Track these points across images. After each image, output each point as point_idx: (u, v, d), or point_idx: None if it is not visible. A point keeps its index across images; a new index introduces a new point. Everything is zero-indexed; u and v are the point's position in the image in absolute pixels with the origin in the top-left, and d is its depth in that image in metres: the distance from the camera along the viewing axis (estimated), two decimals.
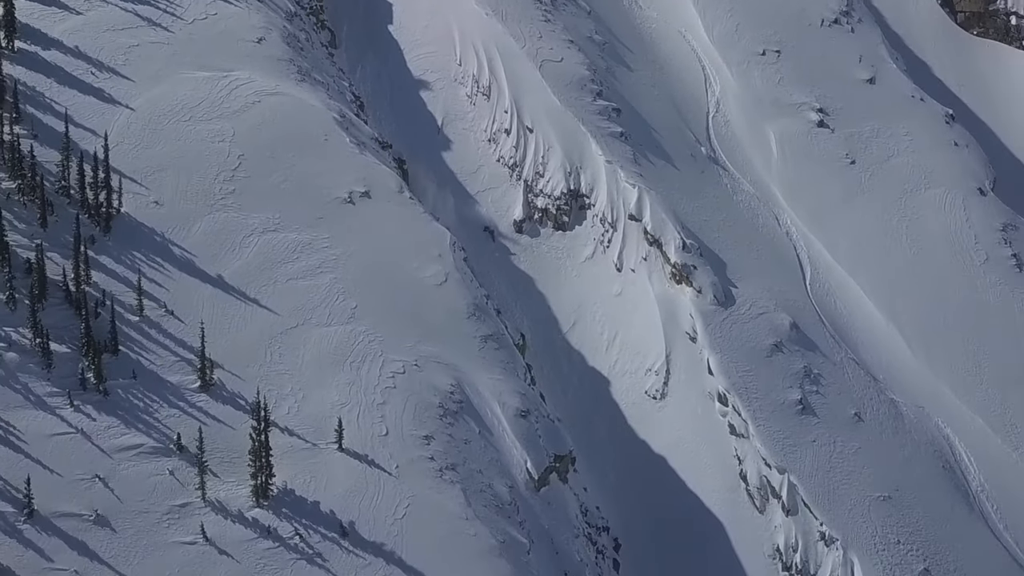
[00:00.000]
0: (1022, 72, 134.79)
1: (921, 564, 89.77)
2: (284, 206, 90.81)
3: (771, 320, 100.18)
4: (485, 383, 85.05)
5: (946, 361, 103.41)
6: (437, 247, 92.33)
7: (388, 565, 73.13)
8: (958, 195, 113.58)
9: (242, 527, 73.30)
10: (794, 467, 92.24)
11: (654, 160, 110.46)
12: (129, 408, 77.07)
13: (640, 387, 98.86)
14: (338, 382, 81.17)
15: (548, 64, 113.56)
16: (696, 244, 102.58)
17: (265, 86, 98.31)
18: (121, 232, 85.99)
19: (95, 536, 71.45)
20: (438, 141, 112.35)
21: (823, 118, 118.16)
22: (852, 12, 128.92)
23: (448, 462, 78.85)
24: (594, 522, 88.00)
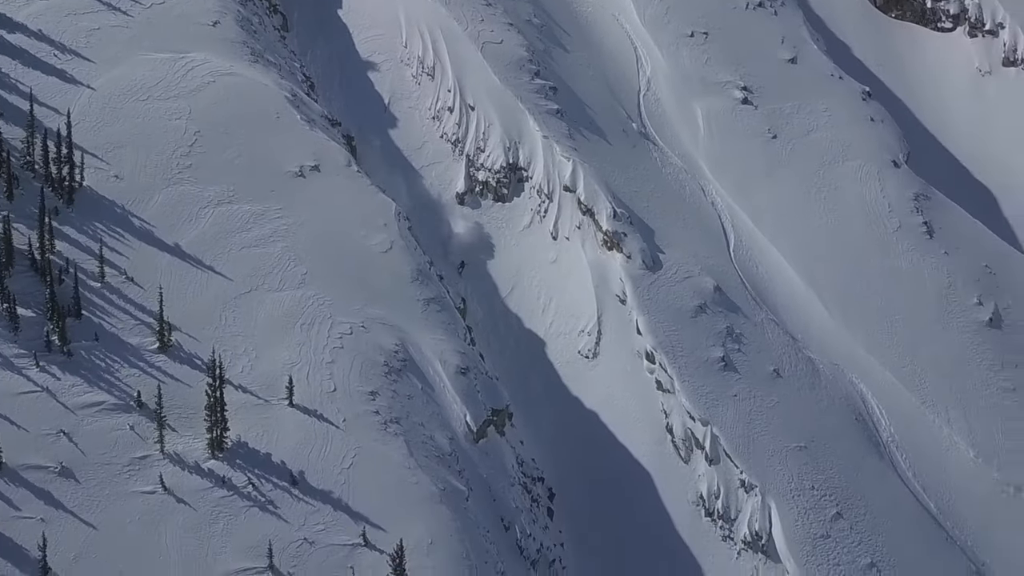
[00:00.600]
0: (936, 52, 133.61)
1: (834, 508, 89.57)
2: (238, 179, 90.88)
3: (696, 283, 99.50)
4: (427, 343, 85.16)
5: (860, 321, 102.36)
6: (383, 217, 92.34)
7: (335, 511, 73.43)
8: (873, 167, 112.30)
9: (198, 477, 73.60)
10: (716, 420, 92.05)
11: (588, 135, 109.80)
12: (92, 368, 77.25)
13: (573, 347, 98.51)
14: (289, 343, 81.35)
15: (489, 46, 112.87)
16: (626, 213, 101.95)
17: (220, 67, 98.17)
18: (83, 204, 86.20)
19: (60, 486, 71.69)
20: (385, 119, 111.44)
21: (747, 96, 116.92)
22: None
23: (392, 416, 79.14)
24: (530, 472, 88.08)
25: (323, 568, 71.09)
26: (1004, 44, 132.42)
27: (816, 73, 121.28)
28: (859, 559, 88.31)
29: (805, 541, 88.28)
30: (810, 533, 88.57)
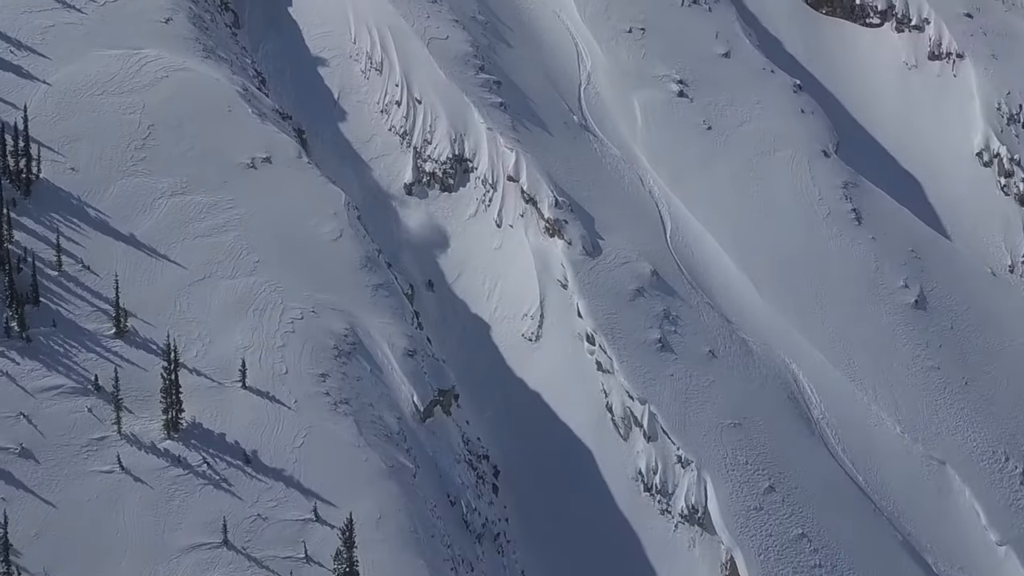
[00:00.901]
0: (864, 47, 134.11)
1: (766, 482, 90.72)
2: (191, 171, 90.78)
3: (634, 268, 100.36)
4: (376, 327, 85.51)
5: (792, 304, 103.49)
6: (332, 206, 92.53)
7: (288, 488, 73.60)
8: (804, 157, 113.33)
9: (155, 457, 73.59)
10: (654, 398, 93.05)
11: (530, 127, 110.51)
12: (50, 353, 77.14)
13: (517, 330, 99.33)
14: (242, 328, 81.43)
15: (435, 41, 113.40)
16: (567, 201, 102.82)
17: (173, 62, 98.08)
18: (40, 196, 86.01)
19: (20, 467, 71.71)
20: (335, 113, 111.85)
21: (683, 89, 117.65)
22: None
23: (342, 397, 79.45)
24: (475, 450, 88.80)
25: (276, 543, 71.19)
26: (929, 39, 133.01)
27: (749, 67, 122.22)
28: (790, 530, 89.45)
29: (739, 513, 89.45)
30: (744, 506, 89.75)
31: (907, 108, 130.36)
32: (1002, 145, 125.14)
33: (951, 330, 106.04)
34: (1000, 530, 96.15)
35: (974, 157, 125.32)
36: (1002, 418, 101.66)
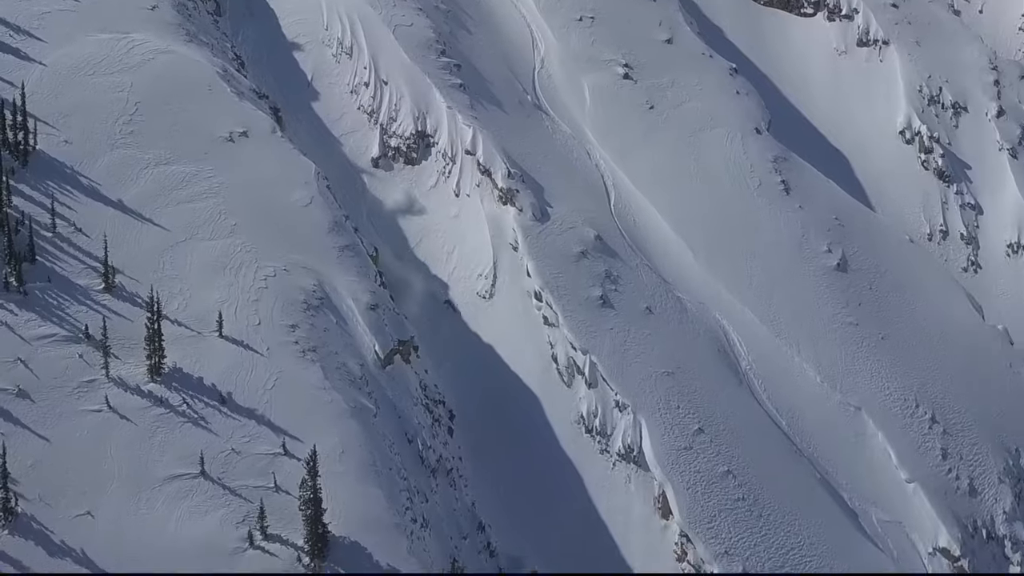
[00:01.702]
0: (799, 34, 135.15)
1: (696, 425, 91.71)
2: (174, 144, 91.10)
3: (579, 233, 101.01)
4: (342, 283, 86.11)
5: (724, 266, 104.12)
6: (303, 176, 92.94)
7: (259, 426, 74.47)
8: (738, 133, 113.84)
9: (139, 398, 74.39)
10: (595, 349, 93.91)
11: (487, 106, 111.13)
12: (45, 305, 77.86)
13: (473, 289, 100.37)
14: (219, 284, 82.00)
15: (400, 28, 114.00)
16: (519, 173, 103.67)
17: (158, 46, 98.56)
18: (37, 165, 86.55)
19: (18, 406, 72.70)
20: (308, 93, 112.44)
21: (628, 72, 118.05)
22: None
23: (310, 345, 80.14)
24: (432, 396, 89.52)
25: (248, 474, 72.18)
26: (858, 27, 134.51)
27: (689, 52, 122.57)
28: (717, 467, 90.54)
29: (670, 452, 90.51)
30: (675, 445, 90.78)
31: (837, 91, 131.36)
32: (923, 124, 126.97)
33: (870, 290, 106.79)
34: (909, 469, 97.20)
35: (897, 135, 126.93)
36: (914, 369, 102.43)
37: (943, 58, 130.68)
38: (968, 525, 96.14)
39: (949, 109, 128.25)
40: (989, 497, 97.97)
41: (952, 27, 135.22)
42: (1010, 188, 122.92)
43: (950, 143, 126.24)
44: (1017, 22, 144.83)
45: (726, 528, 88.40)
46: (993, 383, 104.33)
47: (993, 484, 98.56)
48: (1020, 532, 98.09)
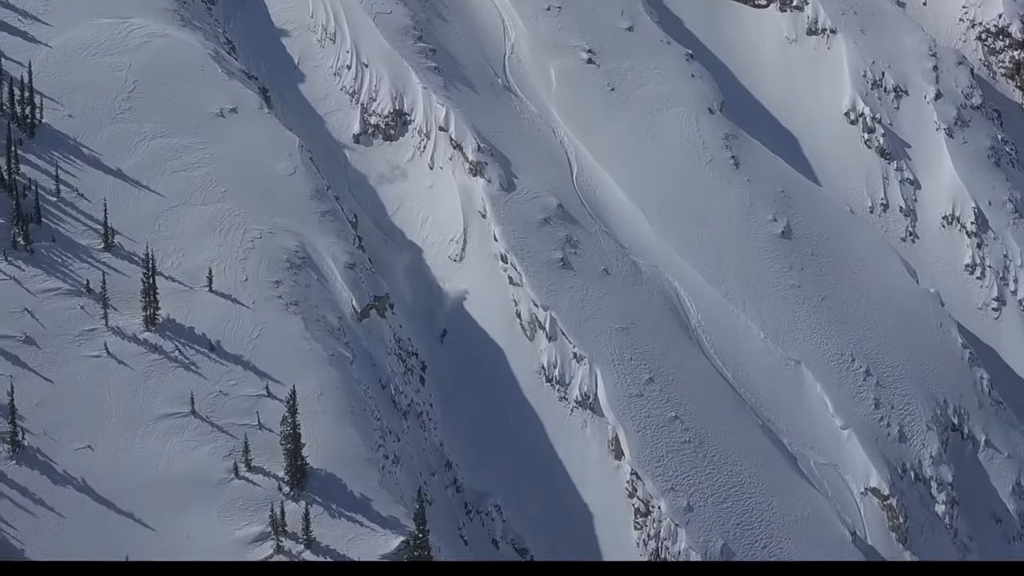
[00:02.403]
0: (752, 24, 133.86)
1: (647, 375, 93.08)
2: (169, 119, 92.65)
3: (542, 202, 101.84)
4: (323, 245, 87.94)
5: (676, 233, 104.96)
6: (288, 148, 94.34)
7: (245, 371, 77.18)
8: (692, 113, 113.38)
9: (135, 345, 77.04)
10: (555, 306, 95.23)
11: (460, 87, 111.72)
12: (50, 262, 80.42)
13: (445, 253, 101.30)
14: (210, 244, 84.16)
15: (380, 16, 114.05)
16: (488, 147, 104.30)
17: (155, 30, 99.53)
18: (43, 137, 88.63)
19: (25, 351, 75.48)
20: (295, 75, 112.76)
21: (591, 57, 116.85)
22: None
23: (292, 300, 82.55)
24: (405, 347, 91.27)
25: (234, 413, 74.77)
26: (808, 17, 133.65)
27: (648, 39, 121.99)
28: (665, 413, 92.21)
29: (622, 399, 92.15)
30: (627, 393, 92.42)
31: (787, 76, 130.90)
32: (866, 106, 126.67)
33: (812, 256, 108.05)
34: (844, 416, 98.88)
35: (842, 116, 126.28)
36: (850, 328, 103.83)
37: (886, 46, 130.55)
38: (897, 468, 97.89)
39: (891, 92, 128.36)
40: (917, 443, 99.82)
41: (895, 17, 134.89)
42: (946, 165, 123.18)
43: (891, 124, 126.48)
44: (958, 13, 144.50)
45: (672, 467, 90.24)
46: (924, 340, 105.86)
47: (921, 431, 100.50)
48: (945, 474, 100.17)
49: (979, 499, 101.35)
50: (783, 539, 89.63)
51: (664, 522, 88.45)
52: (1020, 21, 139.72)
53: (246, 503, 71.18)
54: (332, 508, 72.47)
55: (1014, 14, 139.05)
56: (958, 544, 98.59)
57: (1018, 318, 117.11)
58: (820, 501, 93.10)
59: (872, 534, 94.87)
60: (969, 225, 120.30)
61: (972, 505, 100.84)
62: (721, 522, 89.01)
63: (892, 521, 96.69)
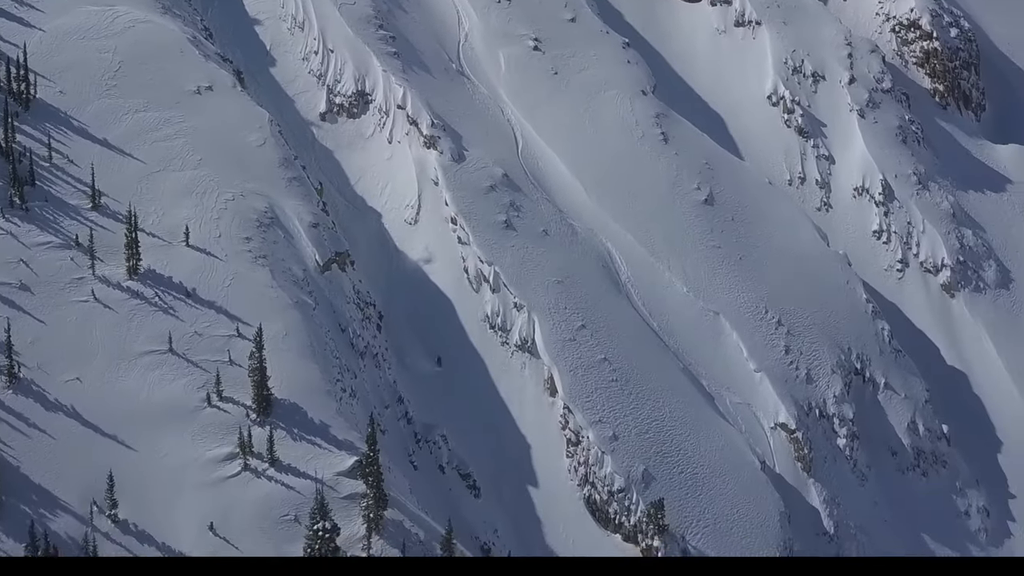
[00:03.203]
0: (686, 17, 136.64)
1: (580, 322, 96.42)
2: (151, 95, 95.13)
3: (489, 172, 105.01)
4: (290, 206, 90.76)
5: (610, 200, 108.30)
6: (259, 122, 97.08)
7: (217, 314, 79.84)
8: (627, 95, 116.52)
9: (119, 291, 79.72)
10: (499, 262, 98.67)
11: (417, 71, 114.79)
12: (43, 219, 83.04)
13: (401, 217, 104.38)
14: (187, 205, 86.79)
15: (345, 6, 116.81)
16: (441, 123, 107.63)
17: (139, 16, 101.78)
18: (37, 110, 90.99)
19: (20, 296, 78.27)
20: (267, 60, 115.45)
21: (537, 45, 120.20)
22: None
23: (261, 254, 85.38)
24: (364, 298, 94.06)
25: (208, 351, 77.27)
26: (735, 11, 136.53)
27: (589, 29, 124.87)
28: (595, 356, 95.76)
29: (557, 343, 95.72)
30: (561, 338, 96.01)
31: (716, 63, 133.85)
32: (786, 90, 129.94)
33: (732, 221, 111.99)
34: (757, 361, 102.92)
35: (765, 99, 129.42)
36: (765, 284, 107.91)
37: (806, 36, 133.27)
38: (804, 406, 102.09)
39: (809, 78, 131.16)
40: (822, 384, 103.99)
41: (815, 10, 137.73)
42: (857, 142, 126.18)
43: (809, 106, 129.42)
44: (874, 8, 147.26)
45: (600, 403, 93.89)
46: (832, 296, 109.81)
47: (826, 374, 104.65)
48: (847, 412, 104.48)
49: (877, 434, 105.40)
50: (699, 466, 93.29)
51: (592, 450, 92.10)
52: (929, 15, 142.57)
53: (217, 428, 73.80)
54: (294, 432, 75.57)
55: (924, 8, 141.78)
56: (857, 473, 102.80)
57: (919, 278, 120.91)
58: (734, 435, 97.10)
59: (780, 463, 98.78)
60: (877, 196, 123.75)
61: (870, 439, 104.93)
62: (643, 450, 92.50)
63: (798, 452, 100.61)
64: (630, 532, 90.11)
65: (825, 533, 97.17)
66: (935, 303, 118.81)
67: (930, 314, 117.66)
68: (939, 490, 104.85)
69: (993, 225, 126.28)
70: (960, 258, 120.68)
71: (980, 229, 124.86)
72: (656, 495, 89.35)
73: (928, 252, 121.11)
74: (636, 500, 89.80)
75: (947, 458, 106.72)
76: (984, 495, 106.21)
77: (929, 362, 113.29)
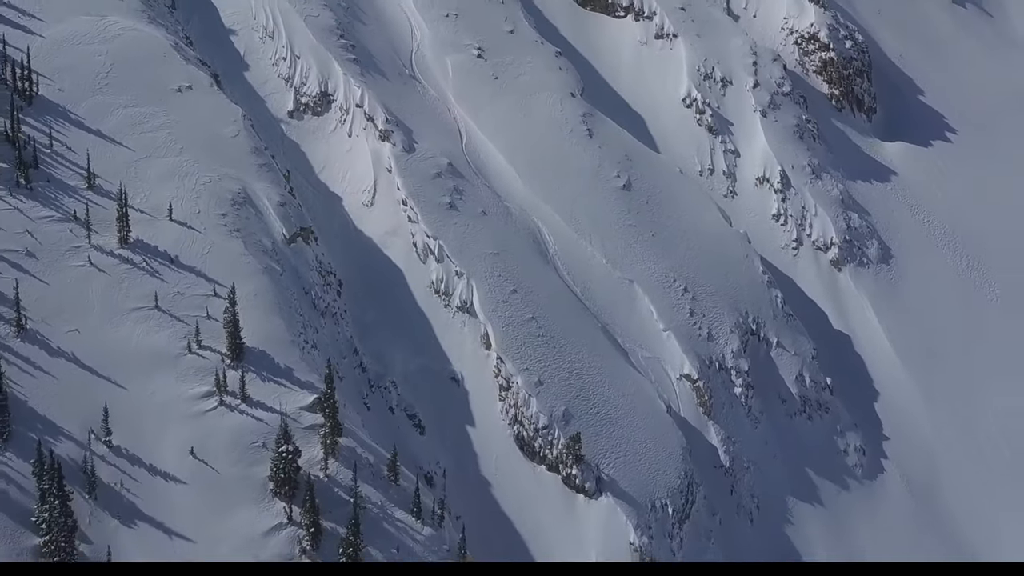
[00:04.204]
0: (613, 30, 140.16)
1: (511, 287, 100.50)
2: (138, 92, 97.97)
3: (436, 161, 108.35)
4: (260, 188, 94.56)
5: (540, 186, 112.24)
6: (232, 116, 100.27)
7: (197, 277, 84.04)
8: (558, 97, 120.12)
9: (112, 258, 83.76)
10: (443, 237, 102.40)
11: (374, 75, 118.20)
12: (45, 197, 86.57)
13: (360, 200, 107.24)
14: (170, 186, 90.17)
15: (310, 18, 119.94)
16: (394, 119, 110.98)
17: (127, 25, 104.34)
18: (39, 105, 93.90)
19: (26, 261, 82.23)
20: (241, 64, 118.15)
21: (480, 53, 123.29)
22: None
23: (235, 227, 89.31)
24: (325, 268, 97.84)
25: (188, 308, 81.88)
26: (656, 25, 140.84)
27: (526, 40, 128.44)
28: (525, 315, 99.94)
29: (492, 304, 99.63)
30: (495, 300, 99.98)
31: (638, 70, 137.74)
32: (699, 93, 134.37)
33: (646, 204, 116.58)
34: (665, 321, 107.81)
35: (680, 101, 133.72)
36: (674, 257, 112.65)
37: (716, 47, 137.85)
38: (705, 360, 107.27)
39: (719, 83, 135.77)
40: (722, 342, 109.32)
41: (725, 24, 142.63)
42: (760, 138, 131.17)
43: (718, 107, 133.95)
44: (780, 23, 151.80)
45: (528, 354, 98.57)
46: (732, 268, 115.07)
47: (726, 334, 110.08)
48: (743, 366, 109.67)
49: (769, 385, 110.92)
50: (613, 408, 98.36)
51: (520, 394, 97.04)
52: (827, 28, 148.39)
53: (197, 371, 78.81)
54: (263, 375, 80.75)
55: (823, 23, 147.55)
56: (751, 417, 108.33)
57: (811, 255, 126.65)
58: (644, 383, 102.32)
59: (684, 408, 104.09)
60: (776, 184, 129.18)
61: (763, 389, 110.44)
62: (564, 394, 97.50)
63: (700, 399, 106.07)
64: (552, 463, 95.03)
65: (722, 466, 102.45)
66: (824, 276, 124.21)
67: (820, 285, 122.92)
68: (822, 432, 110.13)
69: (877, 210, 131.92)
70: (847, 237, 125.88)
71: (866, 213, 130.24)
72: (574, 431, 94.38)
73: (819, 233, 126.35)
74: (557, 435, 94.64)
75: (829, 405, 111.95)
76: (860, 437, 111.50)
77: (819, 326, 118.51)
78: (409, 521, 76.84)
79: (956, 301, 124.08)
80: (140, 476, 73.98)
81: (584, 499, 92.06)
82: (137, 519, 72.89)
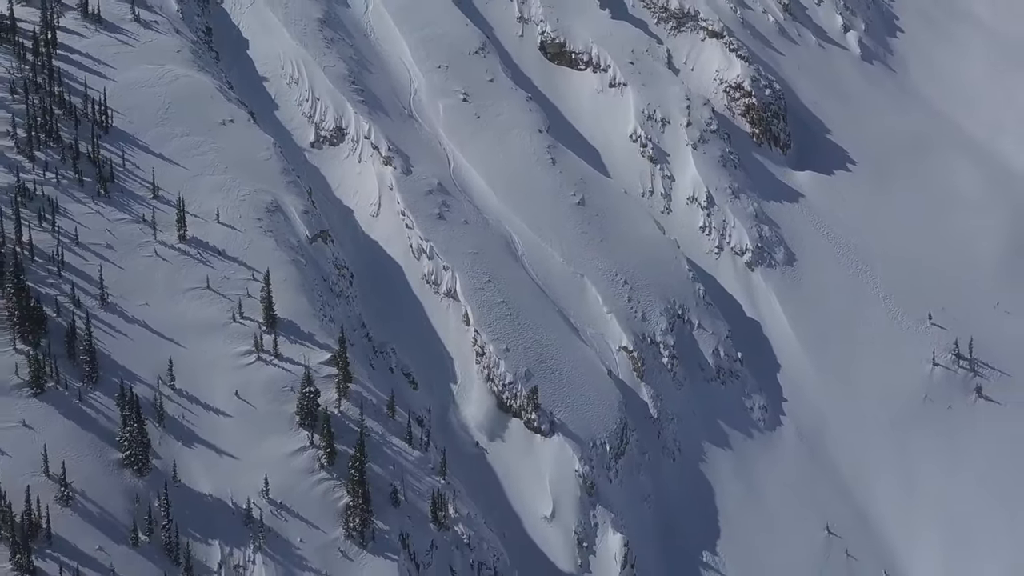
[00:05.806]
0: (575, 81, 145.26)
1: (487, 278, 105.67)
2: (191, 125, 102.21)
3: (429, 182, 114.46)
4: (288, 200, 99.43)
5: (513, 202, 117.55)
6: (266, 144, 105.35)
7: (240, 266, 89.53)
8: (527, 132, 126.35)
9: (173, 250, 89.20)
10: (433, 239, 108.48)
11: (380, 114, 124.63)
12: (119, 204, 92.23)
13: (367, 211, 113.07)
14: (217, 197, 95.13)
15: (328, 68, 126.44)
16: (395, 148, 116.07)
17: (181, 73, 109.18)
18: (113, 134, 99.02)
19: (107, 252, 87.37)
20: (272, 105, 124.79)
21: (466, 97, 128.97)
22: (485, 47, 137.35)
23: (269, 229, 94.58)
24: (340, 263, 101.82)
25: (233, 289, 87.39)
26: (610, 76, 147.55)
27: (504, 87, 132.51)
28: (496, 299, 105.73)
29: (472, 290, 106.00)
30: (474, 287, 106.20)
31: (595, 112, 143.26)
32: (643, 131, 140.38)
33: (597, 216, 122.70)
34: (609, 306, 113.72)
35: (628, 137, 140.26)
36: (617, 257, 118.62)
37: (658, 94, 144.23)
38: (640, 336, 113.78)
39: (659, 122, 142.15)
40: (653, 323, 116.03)
41: (666, 76, 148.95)
42: (691, 167, 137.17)
43: (658, 141, 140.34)
44: (713, 75, 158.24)
45: (499, 328, 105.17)
46: (664, 266, 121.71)
47: (656, 316, 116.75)
48: (670, 341, 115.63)
49: (691, 356, 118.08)
50: (564, 370, 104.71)
51: (492, 358, 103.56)
52: (750, 79, 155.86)
53: (240, 335, 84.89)
54: (291, 338, 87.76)
55: (747, 75, 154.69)
56: (676, 381, 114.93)
57: (730, 258, 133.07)
58: (590, 353, 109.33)
59: (622, 372, 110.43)
60: (703, 203, 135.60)
61: (686, 359, 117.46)
62: (527, 358, 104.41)
63: (635, 365, 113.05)
64: (516, 410, 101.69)
65: (651, 418, 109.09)
66: (740, 275, 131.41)
67: (736, 282, 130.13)
68: (733, 394, 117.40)
69: (786, 224, 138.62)
70: (759, 245, 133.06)
71: (776, 226, 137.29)
72: (533, 386, 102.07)
73: (737, 241, 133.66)
74: (520, 389, 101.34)
75: (739, 374, 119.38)
76: (764, 398, 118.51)
77: (734, 314, 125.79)
78: (403, 446, 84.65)
79: (845, 296, 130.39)
80: (197, 411, 79.64)
81: (540, 438, 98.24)
82: (195, 442, 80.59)
